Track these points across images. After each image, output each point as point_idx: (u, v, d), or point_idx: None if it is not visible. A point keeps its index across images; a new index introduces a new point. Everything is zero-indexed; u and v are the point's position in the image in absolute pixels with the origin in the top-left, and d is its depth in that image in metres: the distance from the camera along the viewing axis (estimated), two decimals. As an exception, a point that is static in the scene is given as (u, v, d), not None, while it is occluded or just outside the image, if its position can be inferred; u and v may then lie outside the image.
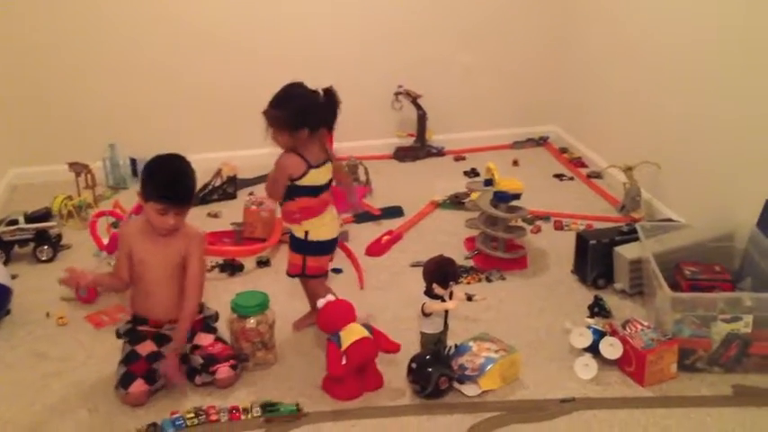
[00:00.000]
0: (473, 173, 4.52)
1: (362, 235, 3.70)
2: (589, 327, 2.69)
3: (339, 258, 3.40)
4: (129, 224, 2.76)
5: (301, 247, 2.80)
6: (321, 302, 2.63)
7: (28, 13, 4.32)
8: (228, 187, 4.29)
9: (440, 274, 2.60)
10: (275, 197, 2.80)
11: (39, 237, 3.51)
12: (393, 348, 2.64)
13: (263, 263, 3.48)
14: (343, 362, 2.49)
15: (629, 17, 4.12)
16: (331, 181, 2.79)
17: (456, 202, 4.10)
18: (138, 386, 2.50)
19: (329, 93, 2.67)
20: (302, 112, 2.63)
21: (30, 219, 3.52)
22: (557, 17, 4.83)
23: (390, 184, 4.37)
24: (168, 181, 2.54)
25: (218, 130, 4.67)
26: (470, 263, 3.43)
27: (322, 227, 2.78)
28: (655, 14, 3.82)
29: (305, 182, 2.69)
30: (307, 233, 2.77)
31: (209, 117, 4.66)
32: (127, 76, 4.52)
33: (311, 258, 2.81)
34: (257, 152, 4.37)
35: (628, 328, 2.68)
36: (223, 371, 2.60)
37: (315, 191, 2.72)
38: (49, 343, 2.90)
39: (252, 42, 4.57)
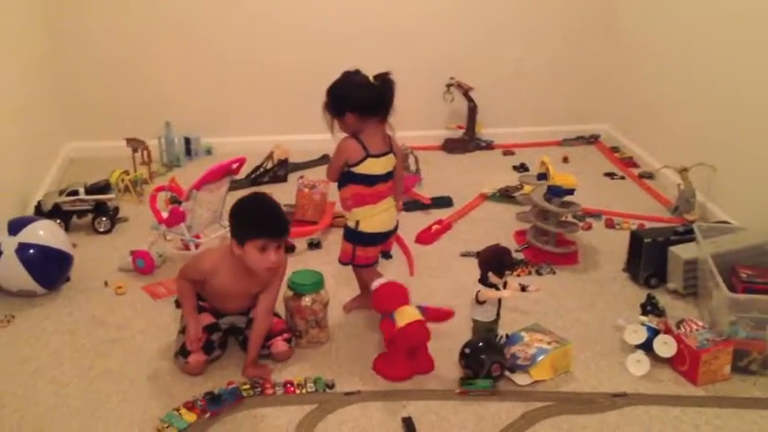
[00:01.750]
0: (522, 167, 4.52)
1: (412, 223, 3.72)
2: (643, 324, 2.69)
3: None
4: (208, 259, 2.63)
5: (351, 236, 2.83)
6: (376, 284, 2.66)
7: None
8: (279, 170, 4.34)
9: (496, 262, 2.61)
10: (331, 178, 2.82)
11: (97, 208, 3.60)
12: (447, 316, 2.68)
13: (314, 245, 3.52)
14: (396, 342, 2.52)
15: (684, 14, 4.08)
16: (390, 174, 2.78)
17: (505, 195, 4.10)
18: (197, 356, 2.55)
19: (382, 79, 2.67)
20: (342, 98, 2.67)
21: (89, 190, 3.60)
22: (610, 14, 4.81)
23: (439, 175, 4.40)
24: (264, 216, 2.52)
25: (272, 113, 4.73)
26: (520, 256, 3.43)
27: (373, 218, 2.79)
28: (712, 12, 3.79)
29: (360, 169, 2.71)
30: (357, 223, 2.79)
31: (263, 100, 4.72)
32: (184, 57, 4.60)
33: (360, 248, 2.84)
34: (309, 137, 4.46)
35: (682, 328, 2.67)
36: (278, 345, 2.65)
37: (370, 180, 2.73)
38: (107, 311, 2.97)
39: (307, 29, 4.62)
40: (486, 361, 2.49)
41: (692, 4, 4.01)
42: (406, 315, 2.56)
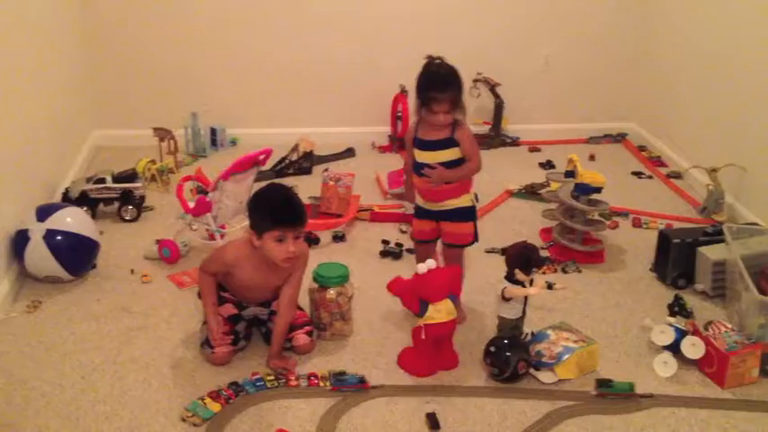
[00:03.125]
0: (549, 165, 4.48)
1: (437, 218, 3.70)
2: (671, 325, 2.66)
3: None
4: (230, 251, 2.61)
5: (474, 213, 2.85)
6: (423, 267, 2.53)
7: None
8: (304, 162, 4.34)
9: (523, 259, 2.60)
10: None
11: (124, 197, 3.61)
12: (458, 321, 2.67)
13: (339, 238, 3.52)
14: (422, 336, 2.51)
15: (714, 12, 4.03)
16: None
17: (531, 192, 4.08)
18: (224, 347, 2.56)
19: None
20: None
21: (116, 179, 3.62)
22: (641, 12, 4.76)
23: (464, 171, 4.37)
24: (279, 205, 2.49)
25: (298, 105, 4.71)
26: (546, 253, 3.41)
27: None
28: (742, 9, 3.75)
29: None
30: (472, 199, 2.82)
31: (289, 92, 4.71)
32: (212, 49, 4.61)
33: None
34: (334, 130, 4.45)
35: (710, 329, 2.64)
36: (299, 338, 2.65)
37: None
38: (133, 299, 2.98)
39: (334, 22, 4.60)
40: (512, 359, 2.48)
41: (720, 4, 3.96)
42: (444, 311, 2.52)
